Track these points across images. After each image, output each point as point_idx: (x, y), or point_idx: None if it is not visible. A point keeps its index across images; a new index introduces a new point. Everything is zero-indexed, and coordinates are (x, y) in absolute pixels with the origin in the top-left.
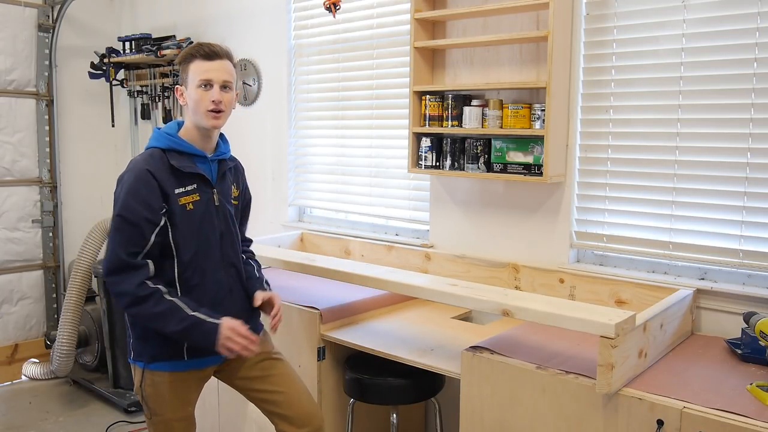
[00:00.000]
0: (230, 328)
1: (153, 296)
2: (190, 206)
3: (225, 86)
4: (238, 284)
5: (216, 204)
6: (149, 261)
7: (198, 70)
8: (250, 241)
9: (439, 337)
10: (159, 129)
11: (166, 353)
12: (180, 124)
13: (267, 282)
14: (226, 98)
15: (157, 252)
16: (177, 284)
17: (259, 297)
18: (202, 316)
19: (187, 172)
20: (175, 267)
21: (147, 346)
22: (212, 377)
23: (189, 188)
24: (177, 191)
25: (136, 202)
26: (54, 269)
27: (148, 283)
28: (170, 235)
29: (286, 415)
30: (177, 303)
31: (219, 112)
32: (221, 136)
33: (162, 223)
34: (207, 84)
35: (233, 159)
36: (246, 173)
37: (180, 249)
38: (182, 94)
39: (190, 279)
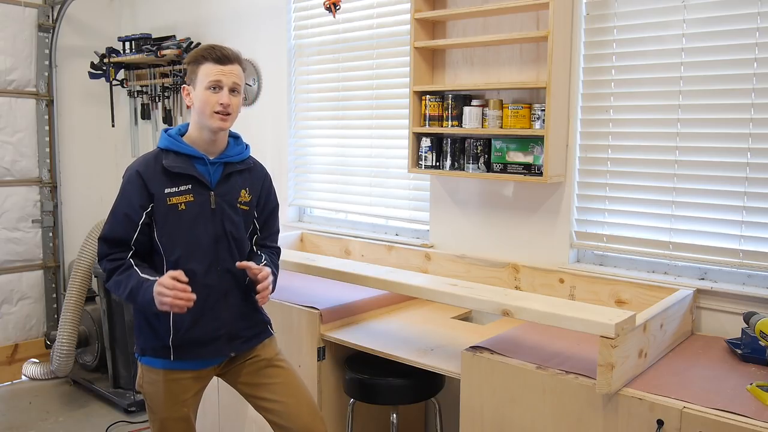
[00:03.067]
0: (160, 283)
1: (120, 267)
2: (182, 206)
3: (233, 90)
4: (236, 290)
5: (212, 206)
6: (132, 250)
7: (208, 72)
8: (277, 248)
9: (439, 337)
10: (166, 130)
11: (152, 348)
12: (186, 126)
13: (274, 271)
14: (234, 102)
15: (146, 249)
16: None
17: (245, 263)
18: (148, 276)
19: (177, 172)
20: (164, 265)
21: (141, 338)
22: (215, 378)
23: (182, 188)
24: (167, 191)
25: (121, 198)
26: (54, 269)
27: (122, 257)
28: (155, 234)
29: (285, 426)
30: (136, 270)
31: (226, 114)
32: (236, 138)
33: (143, 220)
34: (216, 86)
35: (248, 162)
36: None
37: (165, 248)
38: (188, 93)
39: None
